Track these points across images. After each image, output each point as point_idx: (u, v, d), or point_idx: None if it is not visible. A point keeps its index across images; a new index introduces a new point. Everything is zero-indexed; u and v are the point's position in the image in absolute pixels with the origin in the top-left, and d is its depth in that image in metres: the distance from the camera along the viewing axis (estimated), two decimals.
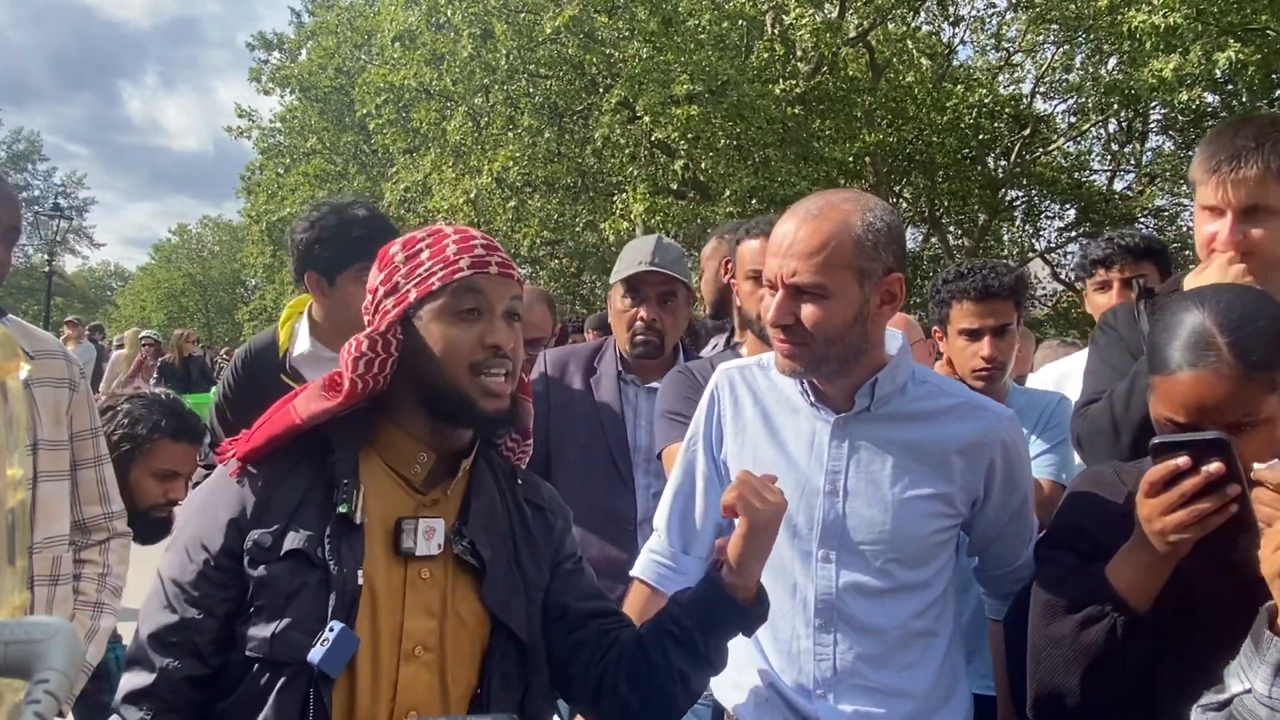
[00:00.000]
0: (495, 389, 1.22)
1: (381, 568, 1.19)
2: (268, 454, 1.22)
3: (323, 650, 1.09)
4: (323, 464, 1.21)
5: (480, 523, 1.26)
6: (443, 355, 1.20)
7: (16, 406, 1.04)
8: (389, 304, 1.24)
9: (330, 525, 1.17)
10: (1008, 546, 1.56)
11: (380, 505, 1.22)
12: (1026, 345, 4.96)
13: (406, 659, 1.17)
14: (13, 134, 39.94)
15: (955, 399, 1.51)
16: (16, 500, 1.03)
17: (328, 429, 1.23)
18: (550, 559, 1.35)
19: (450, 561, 1.23)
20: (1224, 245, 1.62)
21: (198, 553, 1.17)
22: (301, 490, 1.20)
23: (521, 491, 1.37)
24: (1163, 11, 8.91)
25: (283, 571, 1.14)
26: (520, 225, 12.44)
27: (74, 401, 2.02)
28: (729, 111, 10.74)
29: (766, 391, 1.59)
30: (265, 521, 1.17)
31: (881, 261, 1.39)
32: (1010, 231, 17.88)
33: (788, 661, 1.50)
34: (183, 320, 39.83)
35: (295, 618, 1.12)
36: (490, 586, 1.23)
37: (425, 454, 1.25)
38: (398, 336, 1.23)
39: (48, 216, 22.61)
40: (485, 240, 1.28)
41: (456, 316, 1.21)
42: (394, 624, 1.18)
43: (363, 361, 1.21)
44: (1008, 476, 1.49)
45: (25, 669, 0.74)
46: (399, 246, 1.28)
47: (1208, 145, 1.68)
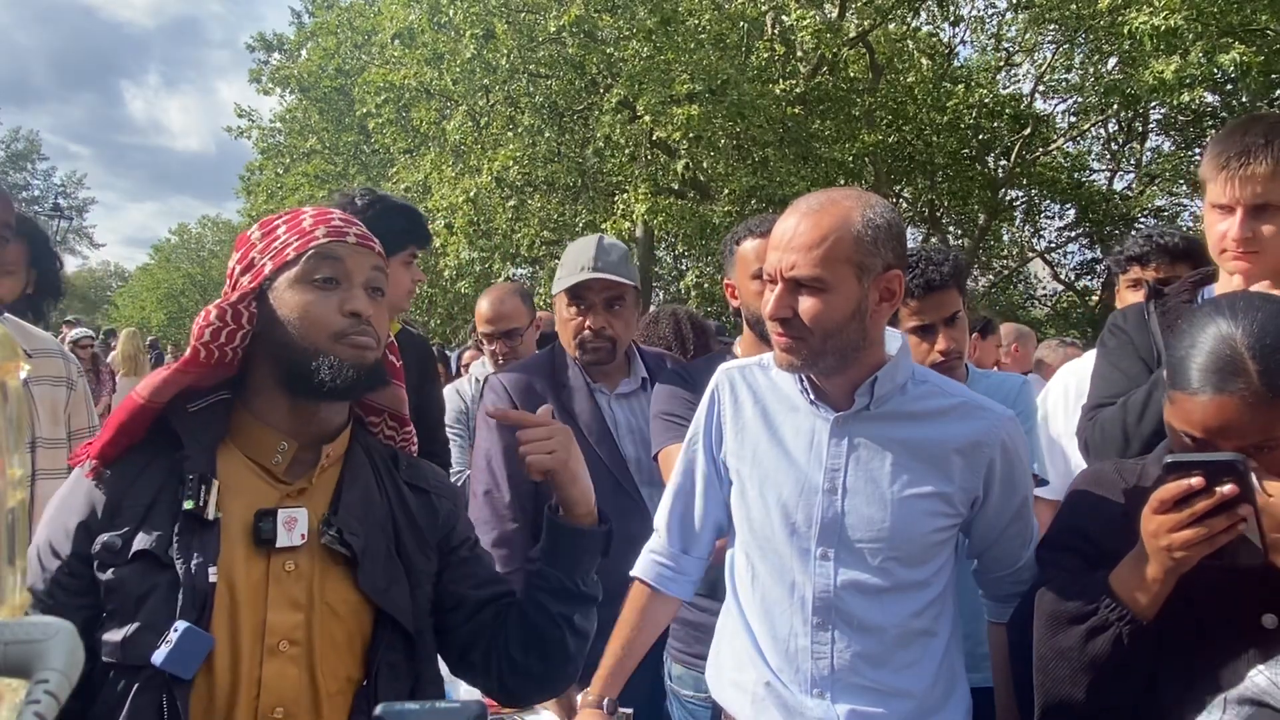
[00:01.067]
0: (360, 343, 1.18)
1: (240, 563, 1.15)
2: (121, 450, 1.18)
3: (166, 650, 1.06)
4: (175, 461, 1.17)
5: (352, 511, 1.22)
6: (300, 322, 1.17)
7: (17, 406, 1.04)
8: (245, 280, 1.21)
9: (181, 524, 1.13)
10: (1008, 548, 1.55)
11: (240, 499, 1.17)
12: (1026, 345, 4.96)
13: (270, 655, 1.13)
14: (11, 133, 39.95)
15: (955, 399, 1.51)
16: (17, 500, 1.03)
17: (177, 423, 1.19)
18: (438, 544, 1.31)
19: (318, 552, 1.18)
20: (1234, 242, 1.62)
21: (49, 559, 1.14)
22: (154, 490, 1.16)
23: (404, 475, 1.32)
24: (1164, 13, 8.91)
25: (132, 574, 1.11)
26: (520, 225, 12.43)
27: (71, 400, 2.03)
28: (729, 111, 10.73)
29: (766, 390, 1.59)
30: (116, 524, 1.13)
31: (881, 257, 1.39)
32: (1010, 231, 17.87)
33: (785, 660, 1.50)
34: (182, 320, 39.81)
35: (145, 620, 1.09)
36: (367, 575, 1.19)
37: (285, 442, 1.21)
38: (250, 309, 1.19)
39: (48, 216, 22.61)
40: (344, 216, 1.26)
41: (313, 285, 1.18)
42: (256, 620, 1.14)
43: (209, 330, 1.17)
44: (1007, 477, 1.49)
45: (25, 669, 0.73)
46: (256, 227, 1.26)
47: (1217, 143, 1.68)
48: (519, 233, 12.42)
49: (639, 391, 2.32)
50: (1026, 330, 5.04)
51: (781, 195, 10.55)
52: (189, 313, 41.56)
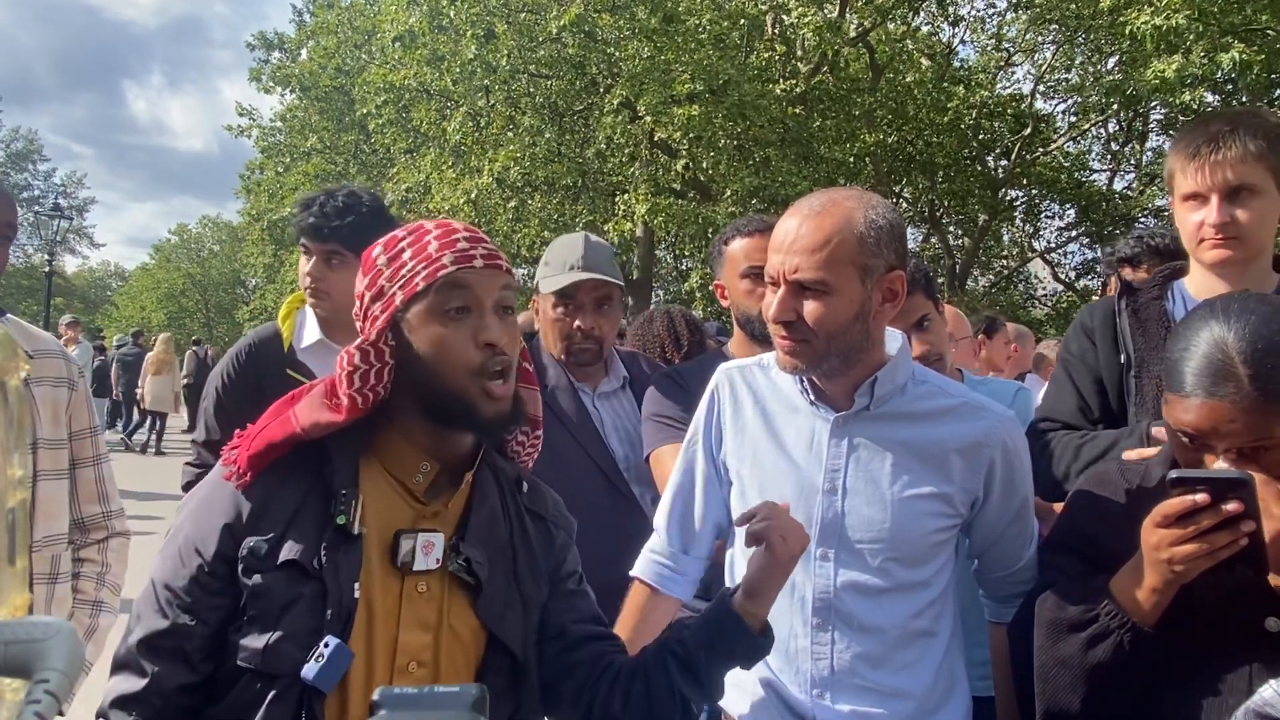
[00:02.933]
0: (497, 393, 1.17)
1: (378, 581, 1.15)
2: (268, 463, 1.18)
3: (317, 666, 1.07)
4: (320, 471, 1.17)
5: (478, 536, 1.22)
6: (437, 359, 1.16)
7: (18, 406, 1.04)
8: (376, 310, 1.19)
9: (327, 536, 1.13)
10: (1008, 549, 1.55)
11: (379, 516, 1.18)
12: (1025, 345, 4.96)
13: (400, 674, 1.14)
14: (11, 133, 39.95)
15: (956, 399, 1.50)
16: (17, 500, 1.03)
17: (327, 438, 1.19)
18: (549, 573, 1.31)
19: (447, 575, 1.19)
20: (1212, 229, 1.63)
21: (191, 557, 1.14)
22: (299, 498, 1.16)
23: (525, 500, 1.33)
24: (1165, 13, 8.91)
25: (277, 581, 1.11)
26: (520, 225, 12.44)
27: (73, 401, 2.03)
28: (730, 111, 10.73)
29: (766, 391, 1.59)
30: (261, 529, 1.14)
31: (884, 259, 1.39)
32: (1010, 231, 17.88)
33: (785, 661, 1.50)
34: (183, 320, 39.85)
35: (289, 630, 1.09)
36: (486, 602, 1.20)
37: (428, 463, 1.21)
38: (389, 344, 1.18)
39: (48, 216, 22.60)
40: (469, 232, 1.22)
41: (445, 316, 1.16)
42: (389, 638, 1.15)
43: (358, 375, 1.17)
44: (1008, 478, 1.49)
45: (25, 669, 0.73)
46: (381, 248, 1.22)
47: (1182, 138, 1.70)
48: (519, 233, 12.42)
49: (620, 390, 2.30)
50: (1024, 330, 5.04)
51: (783, 195, 10.55)
52: (189, 313, 41.62)
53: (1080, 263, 18.23)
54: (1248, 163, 1.60)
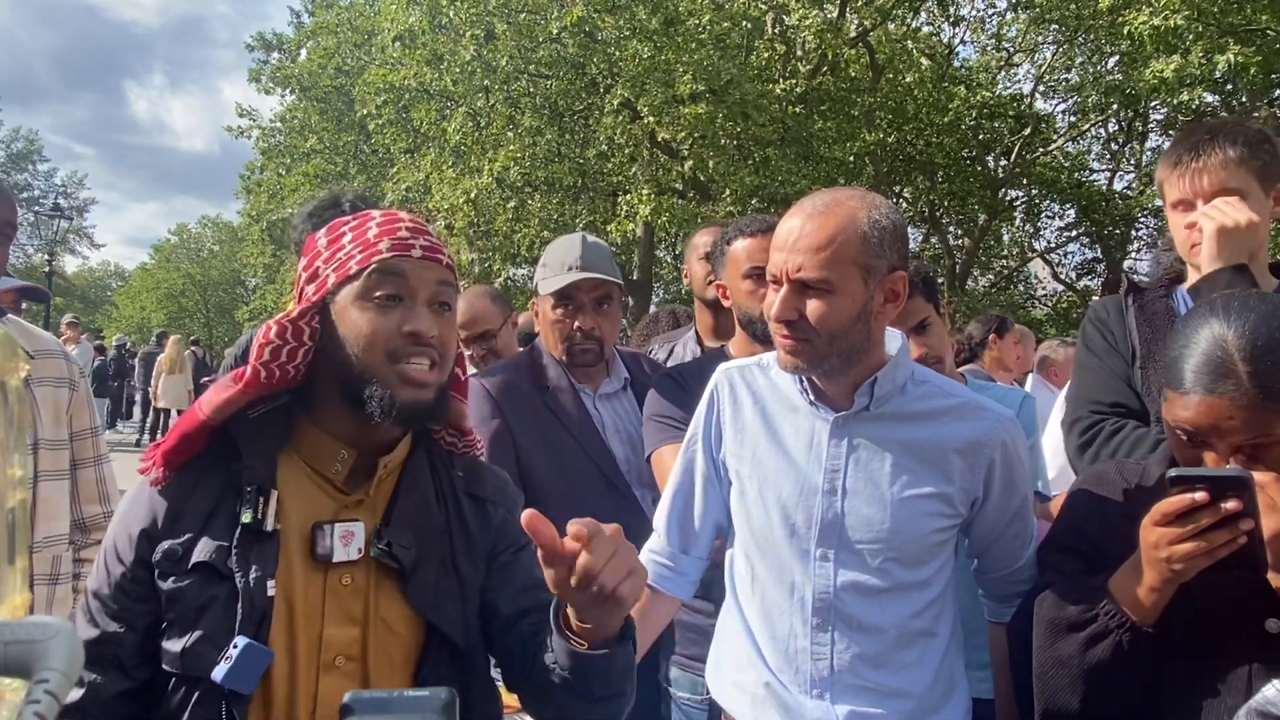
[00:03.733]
0: (416, 377, 1.13)
1: (298, 577, 1.12)
2: (185, 458, 1.15)
3: (226, 667, 1.04)
4: (234, 470, 1.14)
5: (405, 523, 1.18)
6: (357, 342, 1.12)
7: (17, 406, 1.04)
8: (310, 290, 1.17)
9: (238, 535, 1.10)
10: (1007, 549, 1.55)
11: (299, 510, 1.14)
12: (1026, 345, 4.96)
13: (326, 670, 1.11)
14: (11, 133, 39.94)
15: (955, 399, 1.50)
16: (17, 500, 1.03)
17: (237, 433, 1.15)
18: (485, 552, 1.26)
19: (374, 565, 1.15)
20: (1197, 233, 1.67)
21: (114, 565, 1.13)
22: (214, 498, 1.13)
23: (461, 484, 1.28)
24: (1164, 13, 8.92)
25: (191, 584, 1.09)
26: (520, 225, 12.43)
27: (74, 401, 2.03)
28: (731, 111, 10.73)
29: (766, 391, 1.59)
30: (176, 531, 1.12)
31: (886, 259, 1.39)
32: (1010, 231, 17.88)
33: (785, 661, 1.50)
34: (182, 320, 39.85)
35: (205, 631, 1.07)
36: (418, 589, 1.15)
37: (345, 452, 1.18)
38: (313, 325, 1.15)
39: (48, 216, 22.61)
40: (413, 223, 1.19)
41: (374, 302, 1.13)
42: (313, 634, 1.11)
43: (269, 349, 1.14)
44: (1007, 478, 1.48)
45: (25, 669, 0.74)
46: (323, 232, 1.21)
47: (1169, 149, 1.78)
48: (519, 233, 12.42)
49: (621, 392, 2.29)
50: (1025, 331, 5.04)
51: (783, 195, 10.55)
52: (189, 313, 41.62)
53: (1080, 263, 18.25)
54: (1229, 168, 1.67)
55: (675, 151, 12.03)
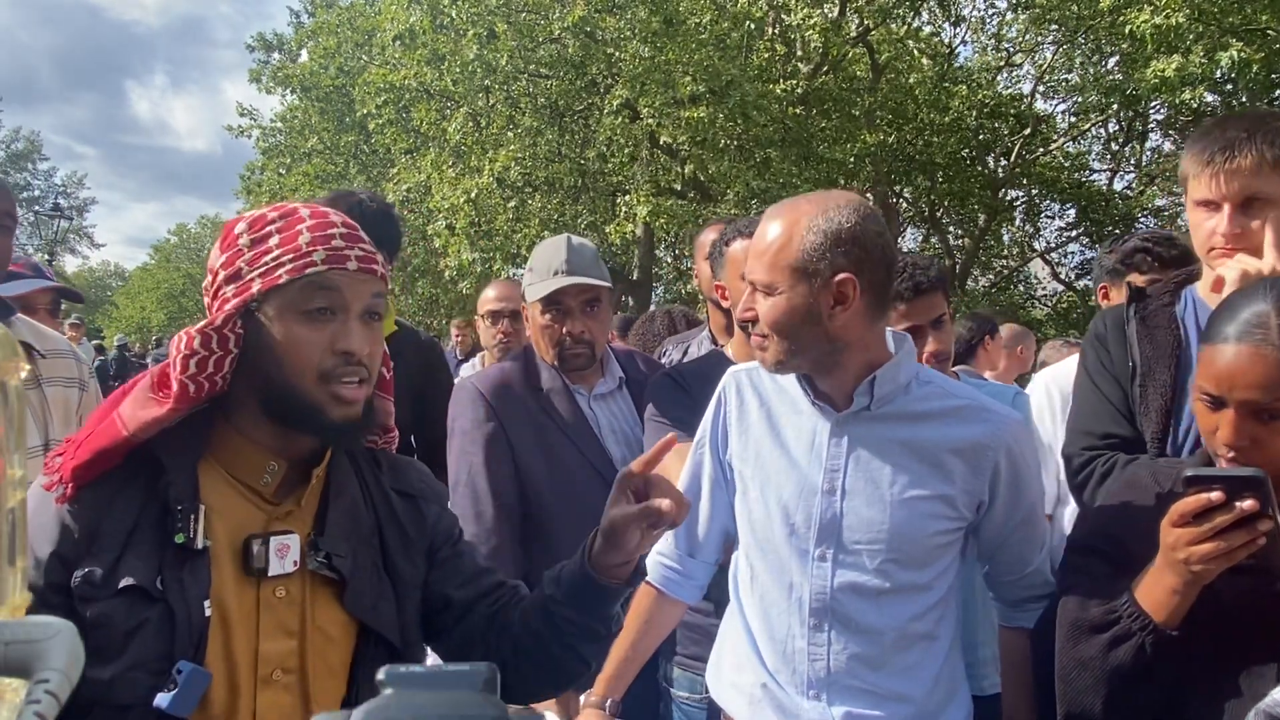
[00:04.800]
0: (346, 396, 1.10)
1: (231, 592, 1.07)
2: (96, 475, 1.07)
3: (171, 695, 0.99)
4: (155, 483, 1.08)
5: (339, 531, 1.15)
6: (287, 358, 1.07)
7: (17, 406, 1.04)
8: (229, 291, 1.09)
9: (167, 555, 1.04)
10: (1016, 553, 1.54)
11: (227, 523, 1.09)
12: (1027, 345, 4.96)
13: (264, 684, 1.07)
14: (12, 133, 39.92)
15: (960, 400, 1.50)
16: (17, 500, 1.03)
17: (157, 446, 1.09)
18: (425, 549, 1.25)
19: (307, 575, 1.12)
20: (1222, 238, 1.59)
21: None
22: (134, 515, 1.06)
23: (388, 481, 1.26)
24: (1165, 12, 8.91)
25: (118, 609, 1.02)
26: (521, 225, 12.42)
27: (83, 401, 2.03)
28: (732, 112, 10.73)
29: (772, 393, 1.59)
30: (94, 553, 1.04)
31: (829, 262, 1.38)
32: (1010, 231, 17.86)
33: (782, 661, 1.50)
34: (182, 320, 39.81)
35: (137, 657, 1.01)
36: (354, 596, 1.13)
37: (275, 462, 1.13)
38: (237, 331, 1.09)
39: (48, 216, 22.60)
40: (346, 228, 1.13)
41: (305, 316, 1.08)
42: (249, 649, 1.07)
43: (194, 360, 1.07)
44: (1014, 481, 1.47)
45: (25, 669, 0.74)
46: (245, 225, 1.12)
47: (1197, 140, 1.65)
48: (519, 233, 12.41)
49: (616, 392, 2.29)
50: (1026, 331, 5.04)
51: (784, 196, 10.52)
52: (189, 313, 41.59)
53: (1080, 263, 18.21)
54: (1263, 173, 1.55)
55: (675, 152, 12.03)
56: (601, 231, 12.56)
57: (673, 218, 11.15)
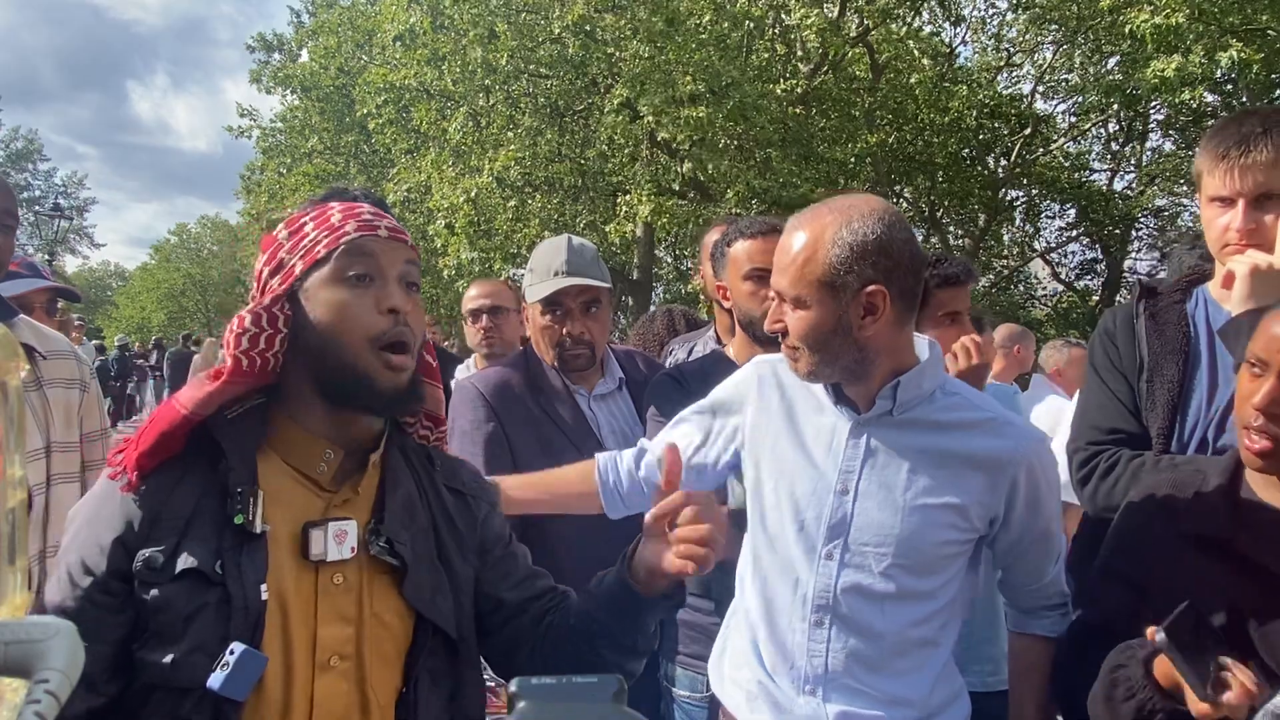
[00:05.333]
0: (395, 362, 1.13)
1: (289, 578, 1.10)
2: (158, 461, 1.11)
3: (223, 675, 1.01)
4: (214, 472, 1.11)
5: (397, 518, 1.17)
6: (336, 325, 1.11)
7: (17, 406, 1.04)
8: (275, 283, 1.14)
9: (226, 538, 1.07)
10: (1032, 565, 1.54)
11: (285, 510, 1.12)
12: (1024, 345, 4.95)
13: (322, 670, 1.09)
14: (11, 133, 39.91)
15: (985, 414, 1.48)
16: (17, 500, 1.03)
17: (218, 432, 1.12)
18: (477, 547, 1.27)
19: (366, 562, 1.14)
20: (1236, 234, 1.58)
21: (82, 577, 1.07)
22: (194, 501, 1.09)
23: (440, 477, 1.28)
24: (1165, 12, 8.91)
25: (178, 593, 1.04)
26: (520, 225, 12.43)
27: (84, 402, 2.03)
28: (732, 112, 10.73)
29: (794, 387, 1.58)
30: (155, 538, 1.07)
31: (857, 275, 1.37)
32: (1010, 231, 17.86)
33: (781, 657, 1.50)
34: (183, 320, 39.87)
35: (196, 641, 1.03)
36: (413, 585, 1.15)
37: (330, 450, 1.16)
38: (285, 312, 1.13)
39: (48, 216, 22.61)
40: (374, 209, 1.20)
41: (346, 283, 1.12)
42: (306, 636, 1.09)
43: (246, 337, 1.11)
44: (1032, 499, 1.46)
45: (25, 669, 0.74)
46: (283, 226, 1.19)
47: (1214, 135, 1.64)
48: (519, 233, 12.42)
49: (616, 392, 2.29)
50: (1023, 331, 5.02)
51: (784, 196, 10.54)
52: (189, 313, 41.66)
53: (1080, 263, 18.23)
54: (1277, 168, 1.54)
55: (675, 152, 12.03)
56: (602, 231, 12.56)
57: (673, 218, 11.16)
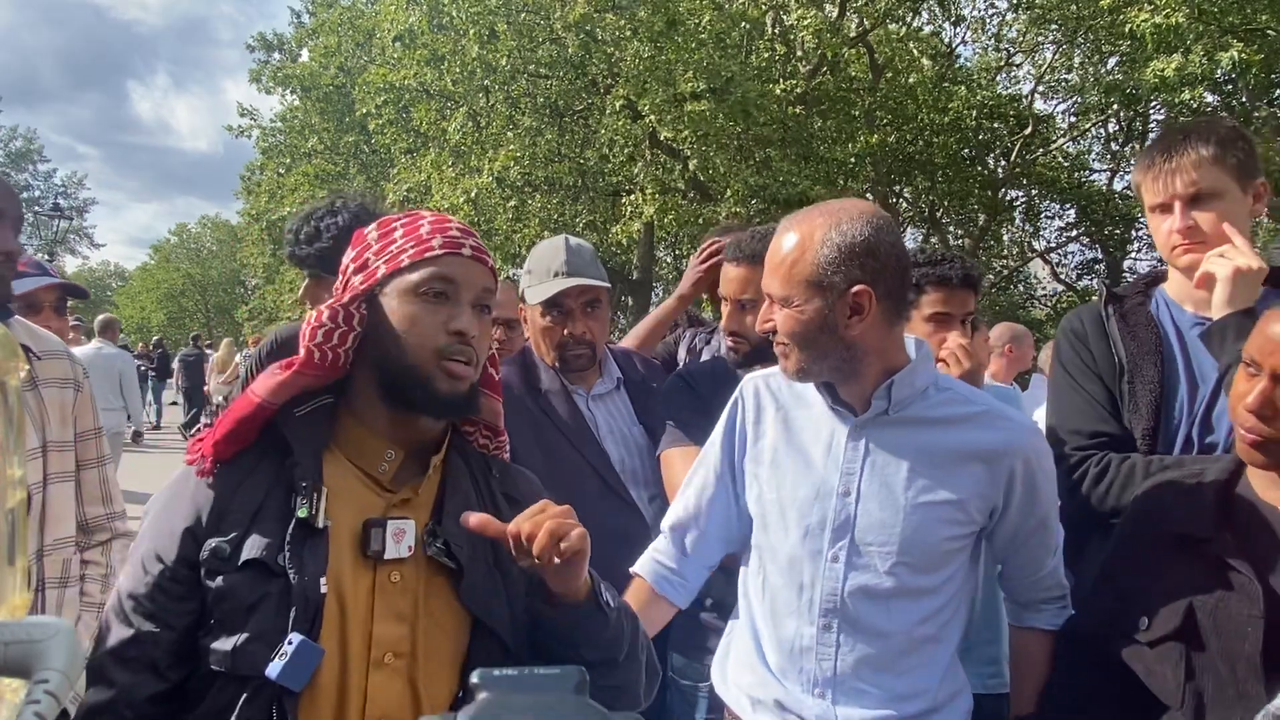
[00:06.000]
0: (455, 371, 1.17)
1: (348, 573, 1.13)
2: (234, 451, 1.16)
3: (281, 664, 1.04)
4: (282, 466, 1.15)
5: (455, 522, 1.19)
6: (406, 334, 1.15)
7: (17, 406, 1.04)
8: (357, 281, 1.19)
9: (290, 531, 1.10)
10: (1031, 557, 1.55)
11: (346, 507, 1.16)
12: (1022, 345, 4.94)
13: (376, 667, 1.12)
14: (10, 132, 39.87)
15: (978, 407, 1.50)
16: (16, 500, 1.03)
17: (287, 428, 1.17)
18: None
19: (423, 563, 1.17)
20: (1178, 235, 1.68)
21: (153, 564, 1.12)
22: (261, 495, 1.14)
23: (498, 485, 1.30)
24: (1164, 11, 8.91)
25: (241, 582, 1.08)
26: (520, 225, 12.43)
27: (78, 402, 2.03)
28: (733, 110, 10.73)
29: (789, 397, 1.61)
30: (223, 529, 1.11)
31: (844, 275, 1.39)
32: (1010, 231, 17.86)
33: (789, 661, 1.51)
34: (183, 320, 39.86)
35: (256, 630, 1.07)
36: (469, 588, 1.17)
37: (393, 450, 1.20)
38: (361, 311, 1.18)
39: (48, 216, 22.61)
40: (462, 226, 1.24)
41: (422, 297, 1.16)
42: (362, 631, 1.12)
43: (321, 331, 1.17)
44: (1029, 490, 1.48)
45: (25, 669, 0.74)
46: (374, 226, 1.24)
47: (1144, 152, 1.78)
48: (519, 233, 12.42)
49: (614, 392, 2.29)
50: (1020, 330, 5.02)
51: (783, 195, 10.55)
52: (189, 313, 41.65)
53: (1080, 263, 18.24)
54: (1202, 168, 1.66)
55: (677, 152, 12.03)
56: (603, 231, 12.56)
57: (678, 217, 11.16)
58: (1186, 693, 1.27)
